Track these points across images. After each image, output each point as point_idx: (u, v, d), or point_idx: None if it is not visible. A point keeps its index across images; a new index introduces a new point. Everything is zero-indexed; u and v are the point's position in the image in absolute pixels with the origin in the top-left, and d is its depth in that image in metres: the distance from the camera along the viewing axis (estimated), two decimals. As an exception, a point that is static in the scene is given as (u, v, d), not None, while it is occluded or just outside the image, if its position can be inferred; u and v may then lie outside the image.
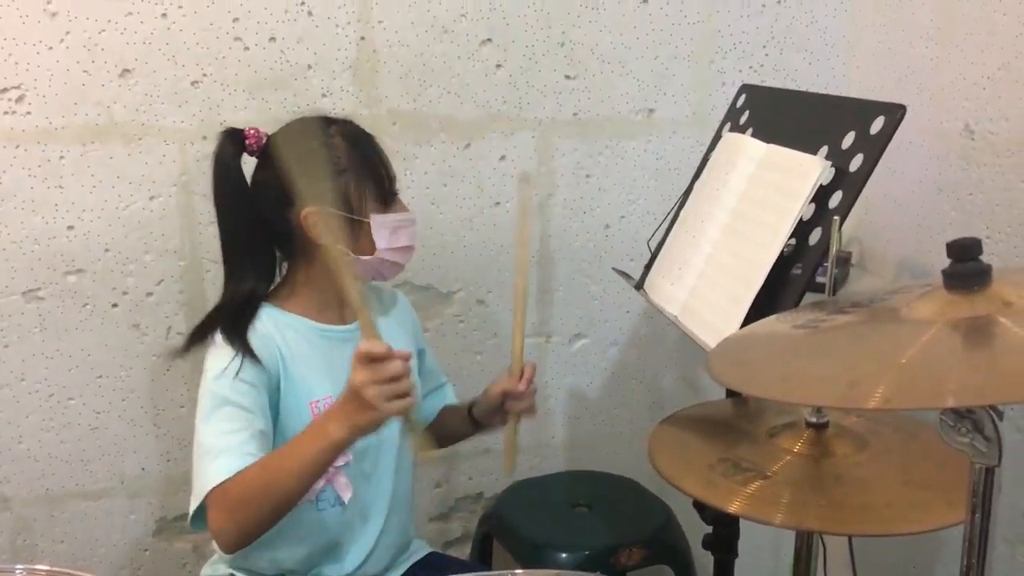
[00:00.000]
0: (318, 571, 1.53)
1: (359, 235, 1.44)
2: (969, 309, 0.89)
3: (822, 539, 2.08)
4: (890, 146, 1.33)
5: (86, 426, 1.90)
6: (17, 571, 1.32)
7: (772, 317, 1.10)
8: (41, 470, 1.90)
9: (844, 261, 2.01)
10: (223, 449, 1.33)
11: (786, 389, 0.85)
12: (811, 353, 0.92)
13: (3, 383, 1.84)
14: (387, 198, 1.45)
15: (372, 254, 1.44)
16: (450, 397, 1.78)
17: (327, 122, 1.47)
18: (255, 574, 1.52)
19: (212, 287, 1.85)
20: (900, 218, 1.95)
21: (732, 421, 1.41)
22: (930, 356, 0.86)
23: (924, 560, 1.91)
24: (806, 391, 0.85)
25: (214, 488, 1.31)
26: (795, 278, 1.37)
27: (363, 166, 1.43)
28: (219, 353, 1.42)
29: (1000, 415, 0.89)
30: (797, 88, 2.07)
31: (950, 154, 1.78)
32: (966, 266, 0.90)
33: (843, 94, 2.01)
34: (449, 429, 1.73)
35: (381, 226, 1.44)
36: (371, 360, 1.25)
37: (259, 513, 1.32)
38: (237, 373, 1.38)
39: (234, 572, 1.53)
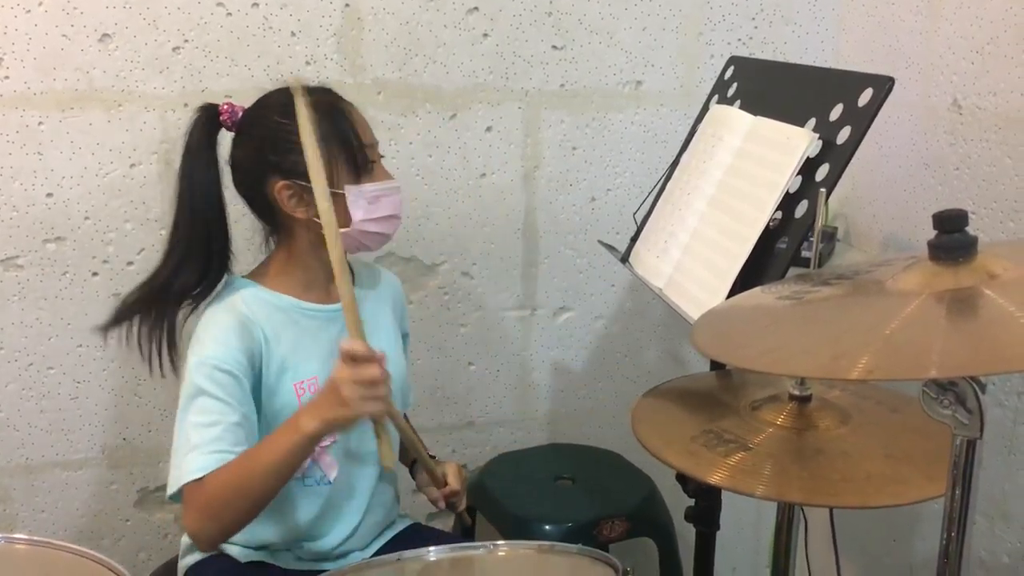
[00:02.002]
0: (302, 546, 1.52)
1: (335, 207, 1.41)
2: (954, 281, 0.89)
3: (804, 512, 2.10)
4: (877, 121, 1.32)
5: (66, 395, 1.88)
6: (-5, 540, 1.31)
7: (756, 289, 1.09)
8: (21, 439, 1.88)
9: (830, 236, 2.01)
10: (195, 444, 1.34)
11: (770, 361, 0.84)
12: (795, 325, 0.91)
13: (-19, 352, 1.82)
14: (361, 168, 1.42)
15: (349, 226, 1.42)
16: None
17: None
18: (239, 547, 1.52)
19: (194, 257, 1.83)
20: (886, 193, 1.94)
21: (716, 394, 1.41)
22: (914, 328, 0.85)
23: (904, 534, 1.93)
24: (789, 363, 0.85)
25: (186, 485, 1.32)
26: (780, 251, 1.36)
27: (333, 137, 1.40)
28: (199, 341, 1.41)
29: (983, 387, 0.89)
30: (786, 61, 2.05)
31: (937, 129, 1.78)
32: (952, 237, 0.89)
33: (831, 67, 1.99)
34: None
35: (358, 197, 1.41)
36: (352, 359, 1.29)
37: (236, 510, 1.33)
38: (216, 364, 1.37)
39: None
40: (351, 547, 1.55)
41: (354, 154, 1.41)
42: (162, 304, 1.46)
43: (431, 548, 1.37)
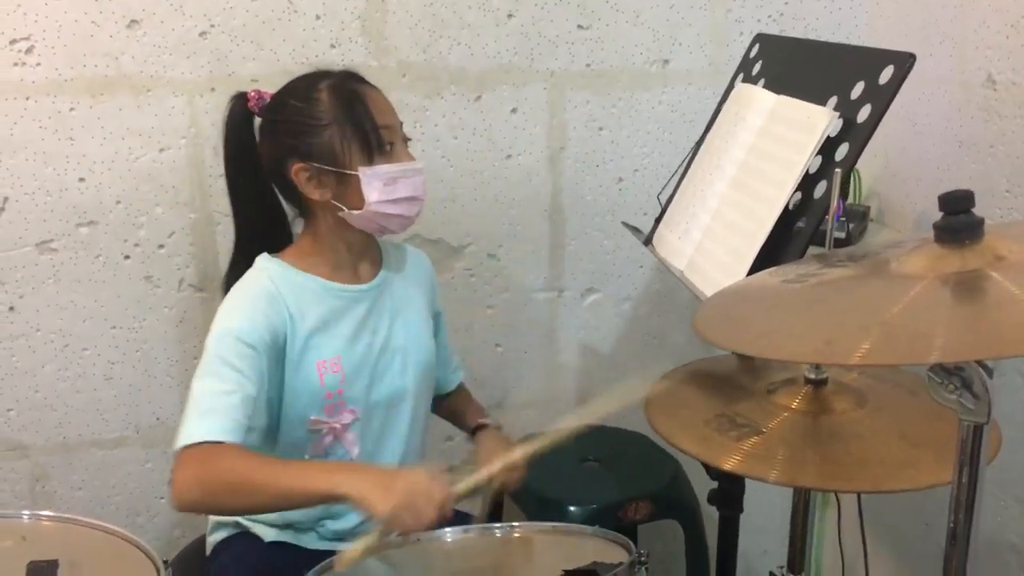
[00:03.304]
0: (324, 524, 1.55)
1: (349, 189, 1.43)
2: (960, 263, 0.87)
3: (837, 497, 2.08)
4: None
5: (100, 376, 1.93)
6: (24, 516, 1.35)
7: (766, 271, 1.08)
8: (58, 419, 1.93)
9: (862, 215, 1.97)
10: (208, 410, 1.35)
11: (764, 345, 0.83)
12: (792, 309, 0.90)
13: (19, 333, 1.87)
14: (374, 151, 1.43)
15: (362, 208, 1.44)
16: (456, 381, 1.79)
17: (320, 78, 1.47)
18: (261, 521, 1.55)
19: (223, 239, 1.86)
20: (920, 171, 1.90)
21: (734, 377, 1.40)
22: (917, 311, 0.84)
23: (936, 518, 1.90)
24: (782, 347, 0.83)
25: (190, 445, 1.32)
26: (799, 232, 1.34)
27: (346, 120, 1.42)
28: (225, 312, 1.44)
29: (990, 372, 0.87)
30: (817, 38, 2.01)
31: (971, 105, 1.73)
32: (958, 219, 0.87)
33: (863, 43, 1.95)
34: (451, 413, 1.76)
35: (372, 178, 1.42)
36: (442, 502, 1.26)
37: (232, 499, 1.32)
38: (239, 335, 1.39)
39: (240, 521, 1.55)
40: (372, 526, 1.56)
41: (367, 137, 1.42)
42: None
43: (448, 530, 1.39)
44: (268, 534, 1.54)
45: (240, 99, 1.51)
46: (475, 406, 1.74)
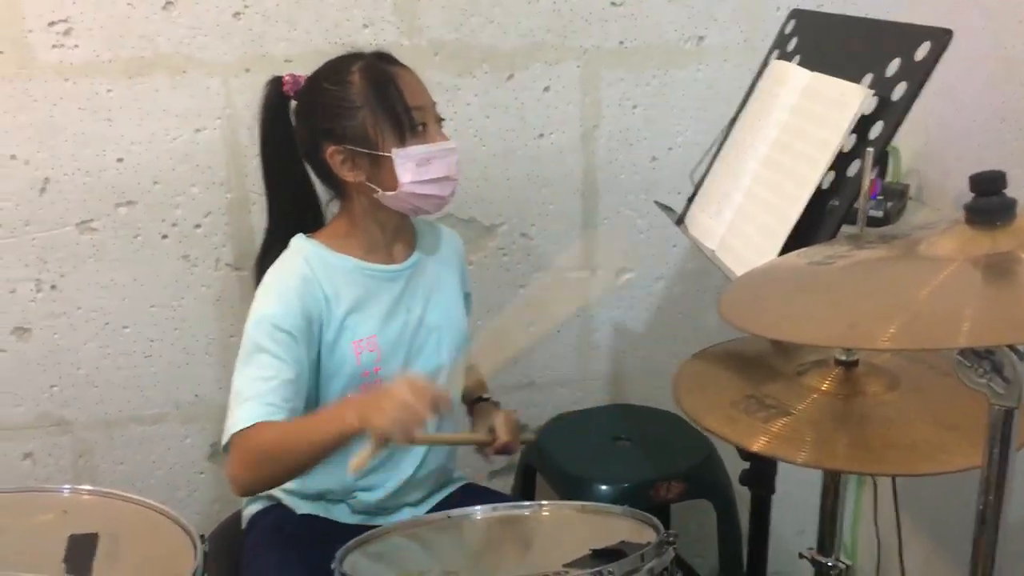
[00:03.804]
0: (355, 496, 1.57)
1: (382, 170, 1.45)
2: (991, 245, 0.85)
3: (873, 477, 2.06)
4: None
5: (140, 353, 1.96)
6: (65, 490, 1.39)
7: (794, 252, 1.07)
8: (100, 395, 1.97)
9: (900, 193, 1.94)
10: (249, 396, 1.38)
11: (786, 328, 0.83)
12: (817, 291, 0.89)
13: (61, 311, 1.91)
14: (406, 132, 1.44)
15: (396, 189, 1.45)
16: None
17: (352, 60, 1.49)
18: (295, 494, 1.58)
19: (259, 219, 1.87)
20: (960, 148, 1.87)
21: (765, 358, 1.39)
22: (945, 294, 0.83)
23: (972, 498, 1.87)
24: (804, 330, 0.83)
25: (235, 434, 1.36)
26: (832, 211, 1.33)
27: (378, 102, 1.44)
28: (261, 298, 1.47)
29: (1021, 356, 0.86)
30: (856, 13, 1.97)
31: (1013, 80, 1.69)
32: (989, 200, 0.86)
33: (902, 18, 1.91)
34: None
35: (405, 159, 1.44)
36: (425, 395, 1.29)
37: (273, 468, 1.38)
38: (275, 321, 1.41)
39: (274, 492, 1.59)
40: (403, 500, 1.59)
41: (399, 118, 1.43)
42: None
43: (478, 507, 1.41)
44: (301, 506, 1.57)
45: (275, 83, 1.53)
46: (477, 380, 1.74)
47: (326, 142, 1.46)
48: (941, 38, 1.24)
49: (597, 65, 1.97)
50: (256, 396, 1.38)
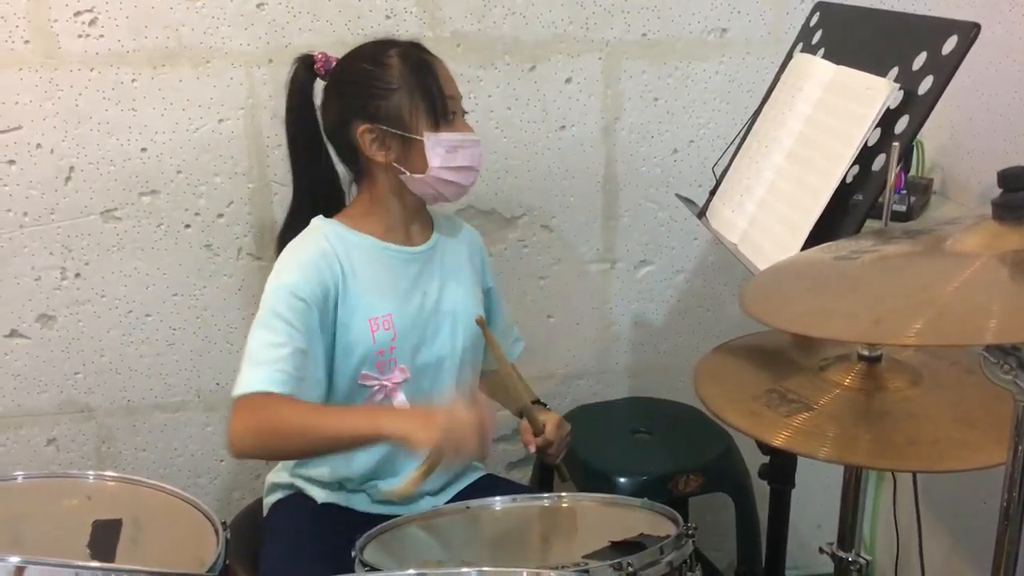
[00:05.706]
0: (374, 484, 1.58)
1: (412, 152, 1.47)
2: (1018, 241, 0.85)
3: (893, 473, 2.05)
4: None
5: (163, 342, 1.98)
6: (89, 477, 1.40)
7: (819, 247, 1.06)
8: (123, 383, 1.99)
9: (924, 188, 1.93)
10: (261, 361, 1.39)
11: (808, 323, 0.83)
12: (842, 286, 0.89)
13: (85, 299, 1.92)
14: (440, 118, 1.46)
15: (424, 172, 1.46)
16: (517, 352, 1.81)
17: (389, 45, 1.51)
18: (315, 482, 1.58)
19: (280, 209, 1.88)
20: (986, 143, 1.85)
21: (786, 352, 1.38)
22: (971, 290, 0.82)
23: (995, 496, 1.86)
24: (828, 325, 0.82)
25: (243, 395, 1.37)
26: (856, 206, 1.32)
27: (416, 86, 1.45)
28: (280, 267, 1.48)
29: (1047, 353, 0.85)
30: (882, 5, 1.96)
31: (1041, 75, 1.68)
32: (1016, 196, 0.85)
33: (929, 11, 1.90)
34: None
35: (435, 144, 1.46)
36: (483, 427, 1.26)
37: (282, 445, 1.38)
38: (292, 289, 1.42)
39: (294, 481, 1.59)
40: (423, 490, 1.59)
41: (435, 103, 1.46)
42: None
43: (497, 498, 1.41)
44: (320, 495, 1.58)
45: (306, 60, 1.54)
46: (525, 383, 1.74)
47: (357, 120, 1.47)
48: (968, 32, 1.23)
49: (619, 57, 1.96)
50: (267, 362, 1.38)
